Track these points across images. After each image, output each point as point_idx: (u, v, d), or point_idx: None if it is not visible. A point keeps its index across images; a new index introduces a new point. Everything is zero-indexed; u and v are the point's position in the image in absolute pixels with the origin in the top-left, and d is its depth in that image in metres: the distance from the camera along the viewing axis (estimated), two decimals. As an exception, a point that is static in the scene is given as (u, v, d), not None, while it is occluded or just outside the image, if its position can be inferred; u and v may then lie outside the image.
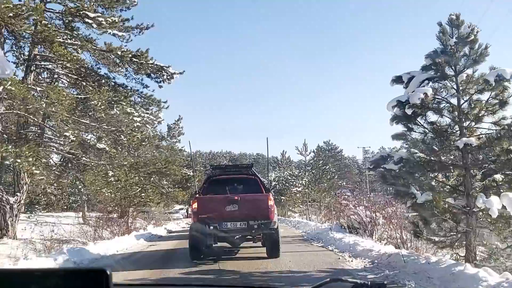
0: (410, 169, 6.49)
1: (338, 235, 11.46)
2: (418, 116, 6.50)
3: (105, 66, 18.09)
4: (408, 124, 6.64)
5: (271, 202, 9.30)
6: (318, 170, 31.59)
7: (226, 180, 10.30)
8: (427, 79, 6.44)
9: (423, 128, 6.62)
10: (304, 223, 19.41)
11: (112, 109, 14.60)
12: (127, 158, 15.22)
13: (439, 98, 6.46)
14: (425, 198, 5.91)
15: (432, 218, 5.96)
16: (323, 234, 12.66)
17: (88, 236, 14.61)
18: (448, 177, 7.02)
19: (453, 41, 6.24)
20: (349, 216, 12.76)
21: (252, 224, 8.98)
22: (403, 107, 6.36)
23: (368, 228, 12.07)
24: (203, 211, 8.98)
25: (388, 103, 6.65)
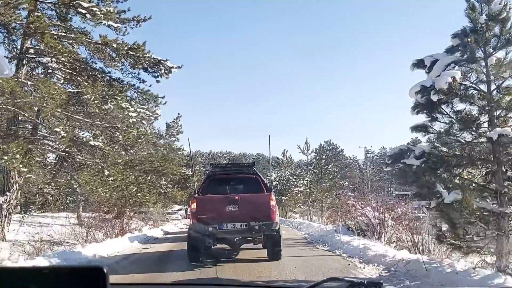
0: (433, 164, 5.72)
1: (345, 237, 10.71)
2: (443, 104, 5.72)
3: (100, 60, 17.41)
4: (432, 113, 5.85)
5: (273, 202, 8.82)
6: (320, 170, 30.83)
7: (226, 180, 9.81)
8: (453, 62, 5.67)
9: (449, 117, 5.83)
10: (306, 224, 18.63)
11: (106, 104, 13.84)
12: (122, 156, 14.41)
13: (465, 84, 5.68)
14: (453, 197, 5.15)
15: (461, 220, 5.19)
16: (328, 236, 11.90)
17: (81, 237, 13.95)
18: (474, 174, 6.22)
19: (483, 18, 5.47)
20: (356, 217, 11.99)
21: (253, 225, 8.51)
22: (427, 94, 5.59)
23: (376, 230, 11.31)
24: (202, 212, 8.60)
25: (411, 89, 5.88)
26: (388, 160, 6.50)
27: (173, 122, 34.61)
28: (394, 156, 6.25)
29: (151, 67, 17.18)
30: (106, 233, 15.13)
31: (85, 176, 19.68)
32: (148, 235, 16.00)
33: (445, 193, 5.35)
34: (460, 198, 5.04)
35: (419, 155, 5.84)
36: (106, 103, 13.90)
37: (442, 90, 5.34)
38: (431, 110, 5.81)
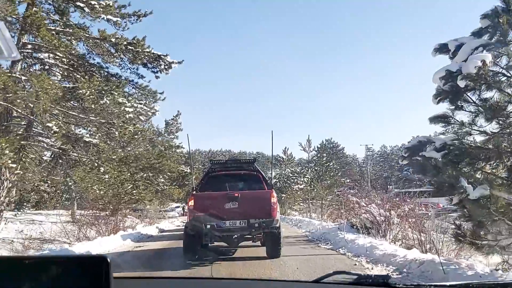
0: (455, 157, 5.17)
1: (348, 235, 10.16)
2: (469, 91, 5.17)
3: (99, 56, 16.89)
4: (457, 101, 5.29)
5: (274, 200, 8.51)
6: (322, 167, 30.26)
7: (226, 176, 9.40)
8: (481, 45, 5.11)
9: (475, 106, 5.26)
10: (306, 222, 18.07)
11: (102, 98, 13.27)
12: (117, 152, 13.84)
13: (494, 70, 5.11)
14: (480, 193, 4.61)
15: (488, 218, 4.64)
16: (331, 234, 11.35)
17: (72, 235, 13.49)
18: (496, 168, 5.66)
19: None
20: (360, 214, 11.44)
21: (253, 222, 8.16)
22: (452, 79, 5.03)
23: (381, 228, 10.78)
24: (200, 209, 8.32)
25: (435, 74, 5.32)
26: (405, 153, 5.97)
27: (173, 120, 34.10)
28: (412, 149, 5.71)
29: (150, 62, 16.67)
30: (99, 231, 14.64)
31: (80, 173, 19.24)
32: (142, 233, 15.44)
33: (470, 188, 4.80)
34: (487, 193, 4.50)
35: (440, 148, 5.30)
36: (102, 98, 13.31)
37: (470, 75, 4.78)
38: (455, 98, 5.26)
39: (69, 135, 13.88)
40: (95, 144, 13.81)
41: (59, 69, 16.38)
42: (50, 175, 26.02)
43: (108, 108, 12.93)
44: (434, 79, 5.32)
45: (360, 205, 11.78)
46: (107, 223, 15.28)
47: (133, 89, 16.38)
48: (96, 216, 15.83)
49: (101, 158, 13.68)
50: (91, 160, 13.88)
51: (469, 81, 4.88)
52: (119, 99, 13.51)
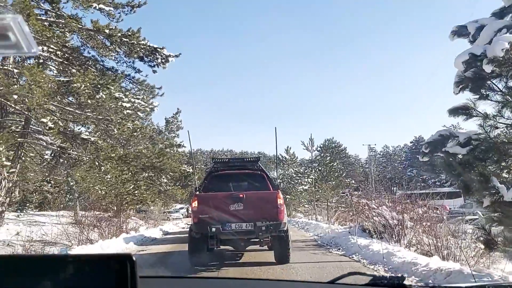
0: (481, 153, 4.66)
1: (361, 240, 9.64)
2: (495, 78, 4.65)
3: (94, 50, 16.44)
4: (481, 89, 4.78)
5: (281, 201, 8.11)
6: (325, 167, 29.70)
7: (230, 176, 9.04)
8: (505, 27, 4.60)
9: (502, 95, 4.74)
10: (313, 224, 17.55)
11: (98, 93, 12.79)
12: (116, 150, 13.36)
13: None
14: (516, 194, 4.10)
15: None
16: (342, 239, 10.84)
17: (73, 237, 13.04)
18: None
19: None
20: (372, 218, 10.93)
21: (260, 225, 7.77)
22: (476, 65, 4.52)
23: (395, 232, 10.26)
24: (204, 210, 7.97)
25: (457, 58, 4.81)
26: (425, 148, 5.44)
27: (173, 118, 33.57)
28: (434, 144, 5.19)
29: (147, 55, 16.22)
30: (102, 233, 14.21)
31: (81, 172, 18.79)
32: (145, 235, 14.96)
33: (504, 189, 4.30)
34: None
35: (465, 143, 4.78)
36: (98, 92, 12.83)
37: (496, 58, 4.27)
38: (479, 86, 4.73)
39: (66, 132, 13.39)
40: (93, 142, 13.31)
41: (54, 63, 15.92)
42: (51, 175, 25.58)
43: (105, 103, 12.41)
44: (456, 64, 4.80)
45: (370, 208, 11.25)
46: (109, 225, 14.85)
47: (130, 83, 15.92)
48: (99, 217, 15.42)
49: (100, 156, 13.16)
50: (89, 159, 13.36)
51: (495, 67, 4.34)
52: (116, 94, 13.03)
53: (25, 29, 0.83)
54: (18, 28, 0.81)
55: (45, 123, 12.11)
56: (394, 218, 10.47)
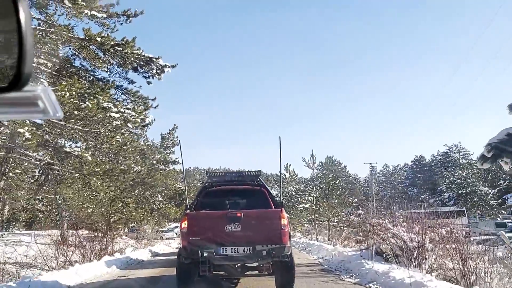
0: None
1: (377, 266, 8.34)
2: None
3: (87, 62, 15.46)
4: None
5: (285, 221, 6.93)
6: (327, 185, 28.40)
7: (226, 192, 7.93)
8: None
9: None
10: (316, 246, 16.18)
11: (84, 102, 11.63)
12: (101, 164, 12.11)
13: None
14: None
15: None
16: (353, 263, 9.51)
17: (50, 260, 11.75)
18: None
19: None
20: (387, 239, 9.64)
21: (260, 249, 6.62)
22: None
23: (414, 256, 8.97)
24: (196, 232, 6.86)
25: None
26: (487, 152, 4.25)
27: (169, 134, 32.38)
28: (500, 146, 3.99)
29: (141, 66, 15.19)
30: (84, 254, 12.94)
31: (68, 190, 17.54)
32: (131, 257, 13.56)
33: None
34: None
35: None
36: (84, 101, 11.66)
37: None
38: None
39: (48, 145, 12.19)
40: (77, 156, 12.07)
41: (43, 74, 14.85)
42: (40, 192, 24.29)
43: (91, 113, 11.22)
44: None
45: (386, 228, 9.96)
46: (92, 246, 13.53)
47: (122, 95, 14.80)
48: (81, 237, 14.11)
49: (84, 171, 11.90)
50: (72, 174, 12.11)
51: None
52: (104, 104, 11.83)
53: (53, 97, 0.95)
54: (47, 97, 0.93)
55: (22, 134, 10.90)
56: (413, 239, 9.20)
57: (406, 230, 9.56)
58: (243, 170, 8.29)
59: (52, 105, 0.93)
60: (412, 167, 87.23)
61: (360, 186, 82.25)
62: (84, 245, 13.39)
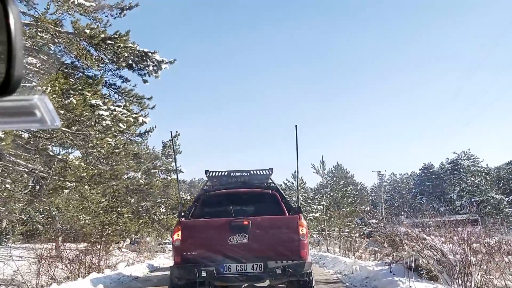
0: None
1: (415, 284, 6.80)
2: None
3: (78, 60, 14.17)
4: None
5: (303, 230, 5.58)
6: (338, 193, 26.81)
7: (230, 196, 6.56)
8: None
9: None
10: (331, 258, 14.60)
11: (68, 98, 10.28)
12: (88, 168, 10.70)
13: None
14: None
15: None
16: (382, 281, 7.94)
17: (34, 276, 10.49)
18: None
19: None
20: (422, 251, 8.11)
21: (273, 267, 5.26)
22: None
23: (456, 271, 7.44)
24: (191, 245, 5.54)
25: None
26: None
27: (170, 141, 31.07)
28: None
29: (136, 62, 13.87)
30: (71, 271, 11.58)
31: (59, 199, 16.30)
32: (124, 273, 12.05)
33: None
34: None
35: None
36: (68, 97, 10.30)
37: None
38: None
39: (29, 147, 10.83)
40: (62, 160, 10.68)
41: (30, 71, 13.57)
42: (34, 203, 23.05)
43: (76, 110, 9.84)
44: None
45: (418, 238, 8.42)
46: (79, 261, 12.11)
47: (115, 94, 13.45)
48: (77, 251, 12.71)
49: (68, 176, 10.48)
50: (55, 179, 10.70)
51: None
52: (92, 101, 10.47)
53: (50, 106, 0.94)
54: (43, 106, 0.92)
55: (-7, 133, 9.51)
56: (453, 251, 7.68)
57: (444, 241, 8.04)
58: (250, 169, 6.81)
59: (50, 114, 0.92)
60: (420, 175, 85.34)
61: (367, 195, 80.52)
62: (71, 260, 12.01)
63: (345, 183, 29.38)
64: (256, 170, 6.85)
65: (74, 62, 13.87)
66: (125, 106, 11.64)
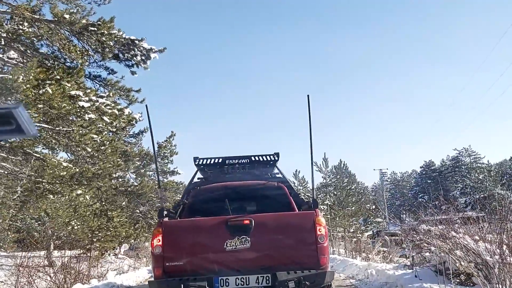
0: None
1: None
2: None
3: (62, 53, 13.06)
4: None
5: (322, 230, 4.33)
6: (342, 191, 25.66)
7: (226, 190, 5.32)
8: None
9: None
10: (339, 260, 13.45)
11: (44, 87, 9.14)
12: (68, 167, 9.55)
13: None
14: None
15: None
16: (407, 287, 6.81)
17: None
18: None
19: None
20: (450, 251, 6.97)
21: (284, 279, 4.00)
22: None
23: (495, 274, 6.31)
24: (176, 254, 4.32)
25: None
26: None
27: (166, 142, 29.83)
28: None
29: (122, 52, 12.81)
30: (55, 281, 10.46)
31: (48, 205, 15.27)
32: (115, 283, 10.87)
33: None
34: None
35: None
36: (44, 86, 9.17)
37: None
38: None
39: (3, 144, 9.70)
40: (39, 158, 9.55)
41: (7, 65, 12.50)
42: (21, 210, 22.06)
43: (52, 101, 8.70)
44: None
45: (446, 236, 7.28)
46: (65, 270, 10.99)
47: (100, 87, 12.33)
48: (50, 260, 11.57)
49: (45, 176, 9.33)
50: (31, 179, 9.56)
51: None
52: (72, 92, 9.33)
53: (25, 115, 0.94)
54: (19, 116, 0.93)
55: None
56: (490, 251, 6.56)
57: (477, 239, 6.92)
58: (251, 155, 5.65)
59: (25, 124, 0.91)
60: (421, 173, 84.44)
61: (368, 194, 79.47)
62: (56, 270, 10.90)
63: (349, 181, 28.25)
64: (258, 156, 5.69)
65: (55, 53, 12.78)
66: (109, 97, 10.47)
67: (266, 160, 5.72)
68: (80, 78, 10.62)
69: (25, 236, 25.83)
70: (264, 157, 5.70)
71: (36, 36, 12.23)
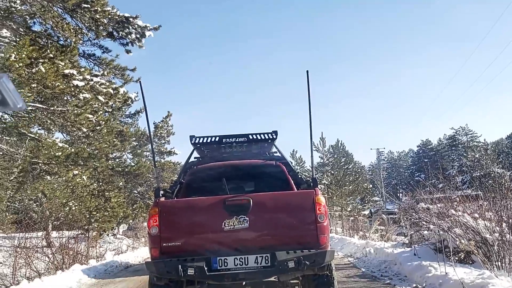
0: None
1: (450, 270, 5.62)
2: None
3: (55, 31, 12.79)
4: None
5: (322, 208, 4.22)
6: (339, 171, 25.66)
7: (224, 169, 5.23)
8: None
9: None
10: (337, 239, 13.50)
11: (37, 65, 8.95)
12: (64, 148, 9.43)
13: None
14: None
15: None
16: (406, 266, 6.75)
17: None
18: None
19: None
20: (449, 229, 6.94)
21: (283, 259, 3.95)
22: None
23: (495, 252, 6.31)
24: (173, 234, 4.24)
25: None
26: None
27: (162, 122, 29.62)
28: None
29: (117, 30, 12.55)
30: (52, 261, 10.42)
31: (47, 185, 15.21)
32: (113, 263, 10.89)
33: None
34: None
35: None
36: (37, 65, 8.97)
37: None
38: None
39: None
40: (34, 138, 9.42)
41: None
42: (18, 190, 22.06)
43: (46, 80, 8.52)
44: None
45: (446, 214, 7.25)
46: (63, 251, 10.96)
47: (95, 66, 12.12)
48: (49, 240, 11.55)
49: (40, 156, 9.22)
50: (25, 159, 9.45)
51: None
52: (65, 71, 9.14)
53: (10, 86, 0.91)
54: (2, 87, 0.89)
55: None
56: (489, 229, 6.54)
57: (476, 217, 6.90)
58: (248, 133, 5.54)
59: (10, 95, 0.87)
60: (418, 152, 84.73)
61: (365, 174, 79.87)
62: (54, 251, 10.87)
63: (346, 161, 28.24)
64: (256, 134, 5.58)
65: (48, 31, 12.51)
66: (103, 76, 10.28)
67: (264, 138, 5.61)
68: (74, 57, 10.40)
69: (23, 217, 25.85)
70: (262, 135, 5.59)
71: (29, 14, 11.96)
